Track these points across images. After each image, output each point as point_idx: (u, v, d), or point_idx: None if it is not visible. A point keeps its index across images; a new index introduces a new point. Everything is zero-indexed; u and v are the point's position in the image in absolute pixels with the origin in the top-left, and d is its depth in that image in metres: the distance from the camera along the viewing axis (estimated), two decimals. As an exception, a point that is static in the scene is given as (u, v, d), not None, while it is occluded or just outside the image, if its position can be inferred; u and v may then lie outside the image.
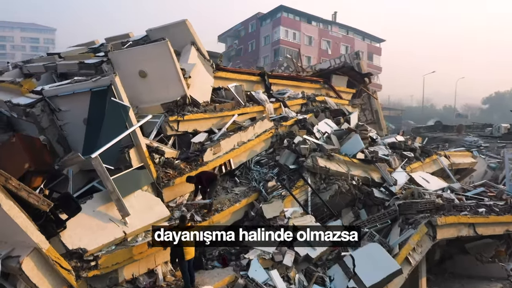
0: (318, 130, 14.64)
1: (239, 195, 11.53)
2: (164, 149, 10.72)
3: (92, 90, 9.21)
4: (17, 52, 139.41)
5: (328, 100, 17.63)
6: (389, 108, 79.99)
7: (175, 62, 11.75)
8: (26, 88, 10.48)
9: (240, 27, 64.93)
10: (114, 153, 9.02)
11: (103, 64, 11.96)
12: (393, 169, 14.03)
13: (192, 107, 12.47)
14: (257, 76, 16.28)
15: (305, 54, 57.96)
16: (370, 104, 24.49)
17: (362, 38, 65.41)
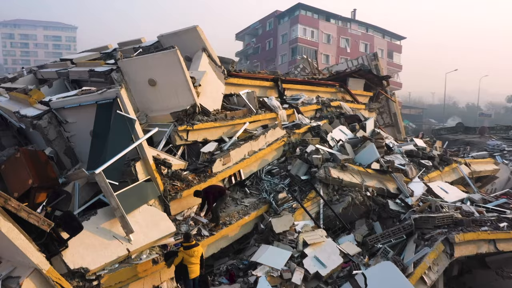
0: (332, 138, 14.25)
1: (248, 207, 11.27)
2: (172, 160, 10.52)
3: (98, 103, 9.06)
4: (39, 50, 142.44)
5: (343, 105, 17.17)
6: (409, 106, 78.73)
7: (185, 70, 11.53)
8: (35, 99, 10.41)
9: (258, 25, 64.60)
10: (120, 167, 8.86)
11: (113, 72, 11.82)
12: (410, 179, 13.54)
13: (202, 116, 12.25)
14: (270, 82, 15.93)
15: (323, 52, 57.36)
16: (388, 107, 23.89)
17: (382, 36, 64.23)
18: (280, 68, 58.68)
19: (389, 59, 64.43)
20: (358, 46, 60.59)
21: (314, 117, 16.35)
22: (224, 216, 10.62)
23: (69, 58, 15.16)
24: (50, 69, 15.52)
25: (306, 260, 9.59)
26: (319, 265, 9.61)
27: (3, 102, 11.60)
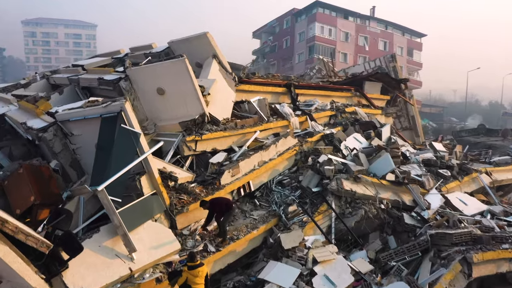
0: (345, 146, 13.82)
1: (257, 220, 10.97)
2: (179, 173, 10.29)
3: (102, 116, 8.88)
4: (60, 48, 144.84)
5: (358, 111, 16.69)
6: (429, 105, 77.02)
7: (193, 79, 11.28)
8: (42, 110, 10.32)
9: (275, 23, 64.06)
10: (124, 181, 8.68)
11: (121, 81, 11.66)
12: (427, 191, 13.03)
13: (211, 125, 11.99)
14: (283, 87, 15.57)
15: (341, 50, 56.55)
16: (407, 110, 23.24)
17: (401, 33, 62.94)
18: (297, 67, 58.11)
19: (409, 57, 63.16)
20: (377, 44, 59.50)
21: (328, 124, 15.93)
22: (232, 230, 10.36)
23: (80, 64, 15.08)
24: (62, 74, 15.50)
25: (315, 279, 9.25)
26: (329, 284, 9.25)
27: (12, 111, 11.57)
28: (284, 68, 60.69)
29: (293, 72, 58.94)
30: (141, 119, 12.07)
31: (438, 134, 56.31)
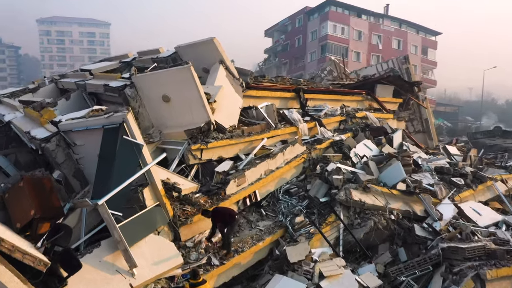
0: (355, 154, 13.48)
1: (263, 231, 10.74)
2: (183, 184, 10.11)
3: (104, 127, 8.73)
4: (75, 46, 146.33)
5: (369, 116, 16.31)
6: (444, 104, 75.72)
7: (198, 87, 11.08)
8: (46, 118, 10.24)
9: (287, 22, 63.54)
10: (126, 193, 8.52)
11: (126, 88, 11.51)
12: (439, 200, 12.62)
13: (217, 133, 11.78)
14: (291, 92, 15.28)
15: (354, 49, 55.87)
16: (420, 113, 22.72)
17: (416, 31, 61.88)
18: (309, 66, 57.61)
19: (424, 55, 62.08)
20: (390, 43, 58.62)
21: (338, 129, 15.60)
22: (237, 242, 10.15)
23: (88, 68, 15.00)
24: (69, 79, 15.46)
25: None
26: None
27: (18, 119, 11.52)
28: (296, 67, 60.26)
29: (305, 71, 58.50)
30: (147, 126, 11.97)
31: (453, 133, 55.36)
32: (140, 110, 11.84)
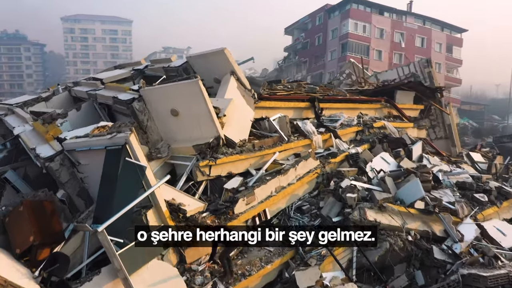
0: (371, 168, 12.93)
1: (272, 252, 10.34)
2: (189, 202, 9.81)
3: (107, 148, 8.48)
4: (98, 44, 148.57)
5: (388, 126, 15.68)
6: (469, 102, 73.48)
7: (207, 101, 10.74)
8: (51, 135, 10.08)
9: (307, 20, 62.65)
10: (129, 216, 8.27)
11: (135, 102, 11.29)
12: (460, 219, 11.96)
13: (227, 148, 11.42)
14: (306, 102, 14.78)
15: (375, 48, 54.76)
16: (442, 118, 21.83)
17: (440, 29, 60.12)
18: (329, 64, 56.75)
19: (448, 53, 60.30)
20: (413, 41, 57.16)
21: (354, 140, 15.04)
22: (244, 264, 9.79)
23: (99, 77, 14.86)
24: (82, 88, 15.36)
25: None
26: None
27: (27, 133, 11.41)
28: (316, 66, 59.46)
29: (325, 70, 57.66)
30: (156, 140, 11.73)
31: (479, 134, 53.60)
32: (148, 124, 11.61)
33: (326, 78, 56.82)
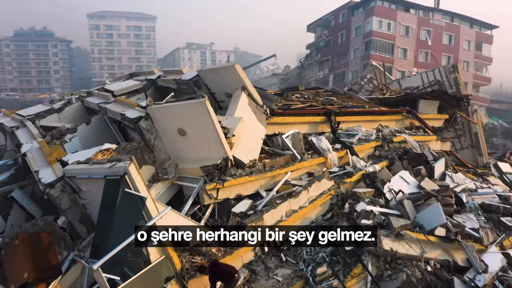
0: (389, 189, 12.24)
1: (281, 282, 9.85)
2: (195, 228, 9.39)
3: (106, 178, 8.15)
4: (122, 40, 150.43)
5: (408, 140, 14.88)
6: (499, 100, 70.83)
7: (214, 122, 10.30)
8: (55, 157, 9.85)
9: (330, 17, 61.37)
10: (128, 250, 7.93)
11: (141, 120, 10.96)
12: (484, 247, 11.18)
13: (236, 169, 10.96)
14: (322, 116, 14.16)
15: (400, 46, 53.21)
16: (469, 127, 20.81)
17: (469, 25, 57.87)
18: (352, 63, 55.48)
19: (477, 51, 58.04)
20: (441, 38, 55.22)
21: (373, 155, 14.32)
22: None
23: (111, 89, 14.62)
24: (94, 99, 15.18)
25: None
26: None
27: (33, 151, 11.26)
28: (338, 64, 58.27)
29: (348, 69, 56.40)
30: (163, 159, 11.41)
31: (509, 134, 51.47)
32: (155, 143, 11.28)
33: (349, 77, 55.60)
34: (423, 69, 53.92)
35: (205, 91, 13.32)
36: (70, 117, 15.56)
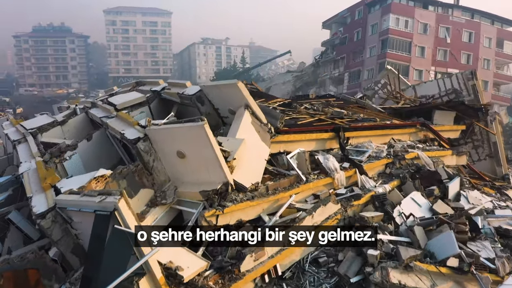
0: (400, 213, 11.64)
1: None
2: (191, 260, 8.98)
3: (95, 213, 7.79)
4: (138, 35, 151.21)
5: (421, 156, 14.19)
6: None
7: (214, 146, 9.84)
8: (48, 183, 9.56)
9: (346, 14, 60.34)
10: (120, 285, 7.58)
11: (139, 142, 10.59)
12: (501, 278, 10.50)
13: (237, 194, 10.50)
14: (330, 133, 13.58)
15: (418, 44, 52.02)
16: (488, 136, 19.97)
17: (490, 22, 56.18)
18: (368, 61, 54.40)
19: (499, 49, 56.29)
20: (460, 36, 53.75)
21: (383, 173, 13.71)
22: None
23: (114, 103, 14.28)
24: (97, 111, 14.92)
25: None
26: None
27: (30, 172, 10.99)
28: (354, 62, 57.27)
29: (364, 68, 55.38)
30: (162, 181, 11.04)
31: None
32: (154, 164, 10.90)
33: (364, 76, 54.57)
34: (441, 67, 52.65)
35: (209, 107, 12.93)
36: (74, 130, 15.34)
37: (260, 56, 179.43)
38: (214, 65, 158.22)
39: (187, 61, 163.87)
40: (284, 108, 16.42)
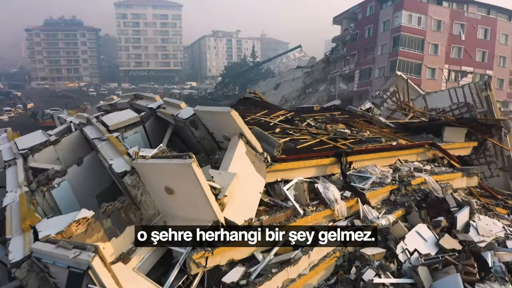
0: (403, 249, 10.94)
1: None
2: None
3: (69, 269, 7.27)
4: (149, 29, 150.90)
5: (429, 181, 13.40)
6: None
7: (202, 185, 9.23)
8: (28, 224, 9.06)
9: (357, 9, 58.94)
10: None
11: (126, 176, 10.04)
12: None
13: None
14: (331, 158, 12.88)
15: (431, 41, 50.61)
16: (501, 149, 19.08)
17: (507, 18, 54.34)
18: (379, 59, 53.13)
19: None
20: (475, 32, 52.13)
21: (388, 200, 12.99)
22: None
23: (107, 124, 13.76)
24: (90, 130, 14.39)
25: None
26: None
27: (13, 206, 10.52)
28: (365, 60, 56.02)
29: (375, 65, 54.08)
30: (151, 215, 10.52)
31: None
32: (142, 199, 10.35)
33: (375, 74, 53.34)
34: (455, 65, 51.22)
35: (203, 131, 12.32)
36: (68, 149, 14.87)
37: (272, 48, 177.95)
38: (224, 58, 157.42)
39: (198, 54, 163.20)
40: (284, 126, 15.73)
